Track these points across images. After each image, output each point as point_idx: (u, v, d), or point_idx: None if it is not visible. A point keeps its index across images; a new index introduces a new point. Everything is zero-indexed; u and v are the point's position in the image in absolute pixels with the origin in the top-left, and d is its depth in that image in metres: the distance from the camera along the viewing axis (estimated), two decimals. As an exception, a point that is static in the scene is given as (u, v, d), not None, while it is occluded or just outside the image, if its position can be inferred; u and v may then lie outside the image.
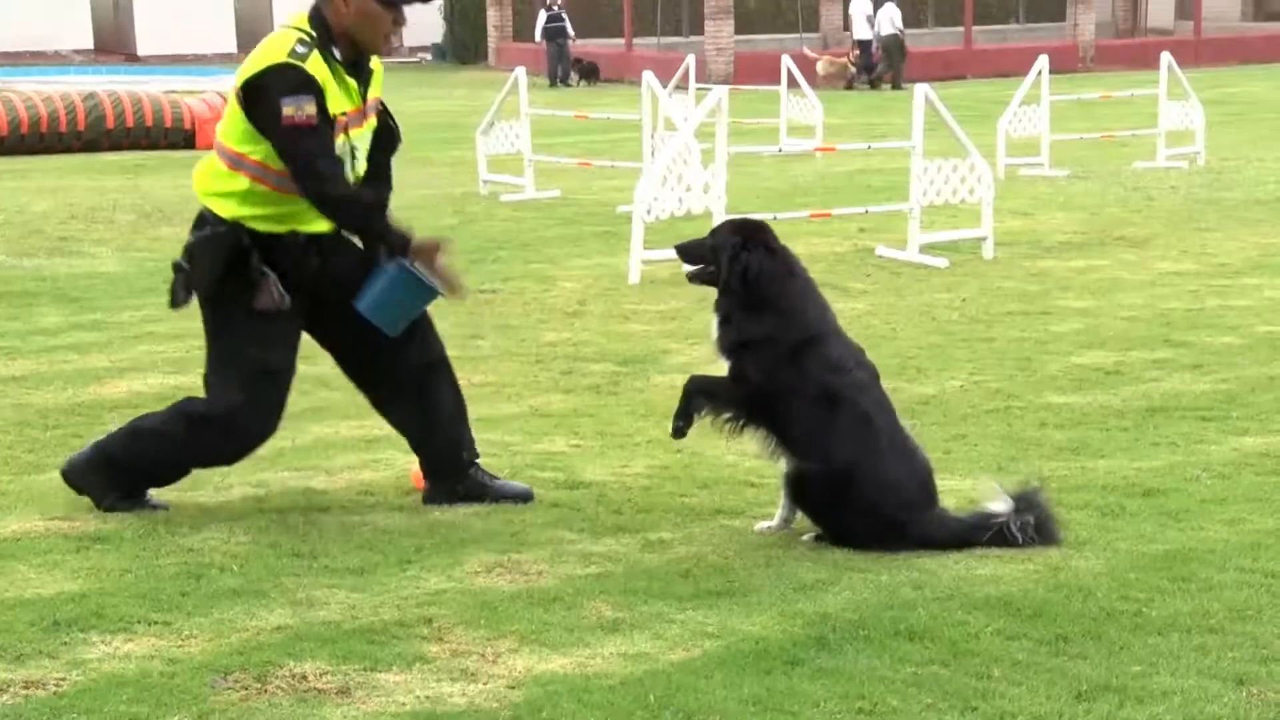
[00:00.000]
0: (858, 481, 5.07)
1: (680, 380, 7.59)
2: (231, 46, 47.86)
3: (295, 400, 7.12)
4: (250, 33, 48.13)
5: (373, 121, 5.44)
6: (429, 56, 48.28)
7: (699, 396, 5.34)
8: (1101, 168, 17.00)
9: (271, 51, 5.19)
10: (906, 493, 5.09)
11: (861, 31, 34.94)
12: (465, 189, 15.40)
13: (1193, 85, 17.67)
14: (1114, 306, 9.38)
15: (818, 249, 11.32)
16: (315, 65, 5.16)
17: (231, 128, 5.30)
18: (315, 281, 5.37)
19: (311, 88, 5.12)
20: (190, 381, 7.54)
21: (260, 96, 5.15)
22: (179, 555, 5.06)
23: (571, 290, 10.15)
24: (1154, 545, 5.07)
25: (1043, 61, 17.04)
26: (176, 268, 5.42)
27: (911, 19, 45.07)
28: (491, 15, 43.64)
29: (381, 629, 4.44)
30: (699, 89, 18.79)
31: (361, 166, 5.41)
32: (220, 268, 5.26)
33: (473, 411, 6.92)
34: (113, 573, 4.89)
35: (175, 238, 12.41)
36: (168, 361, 8.01)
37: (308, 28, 5.23)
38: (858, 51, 34.95)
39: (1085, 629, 4.34)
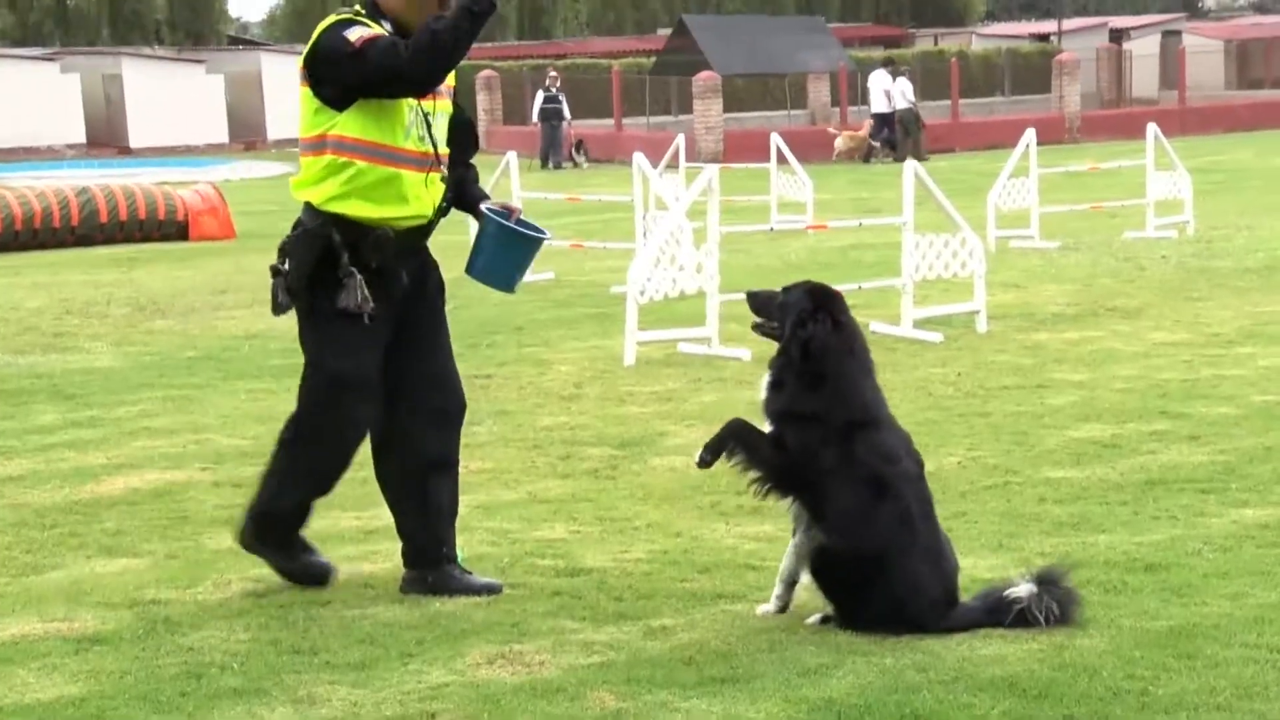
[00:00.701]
0: (885, 573, 5.03)
1: (679, 463, 7.65)
2: (223, 137, 48.20)
3: (293, 492, 7.20)
4: (242, 122, 48.56)
5: (446, 103, 5.54)
6: (420, 141, 48.53)
7: (736, 442, 5.26)
8: (1092, 238, 17.09)
9: (322, 25, 5.35)
10: (931, 594, 5.05)
11: (879, 105, 35.38)
12: (456, 274, 15.41)
13: (1179, 154, 17.81)
14: (1109, 378, 9.40)
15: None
16: (371, 28, 5.30)
17: (305, 116, 5.41)
18: (398, 295, 5.49)
19: (366, 24, 5.27)
20: (186, 476, 7.56)
21: (322, 56, 5.26)
22: (178, 655, 5.03)
23: (567, 373, 10.16)
24: (1158, 622, 5.05)
25: (1030, 134, 17.16)
26: (274, 270, 5.49)
27: (899, 93, 45.50)
28: (481, 99, 43.97)
29: (384, 725, 4.41)
30: (689, 168, 18.90)
31: (439, 143, 5.48)
32: (311, 263, 5.35)
33: (471, 499, 6.96)
34: (112, 675, 4.85)
35: (168, 331, 12.48)
36: (165, 457, 7.99)
37: (357, 7, 5.41)
38: (872, 125, 35.30)
39: (1092, 709, 4.32)
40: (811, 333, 5.18)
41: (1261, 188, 23.46)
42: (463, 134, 5.69)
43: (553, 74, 37.82)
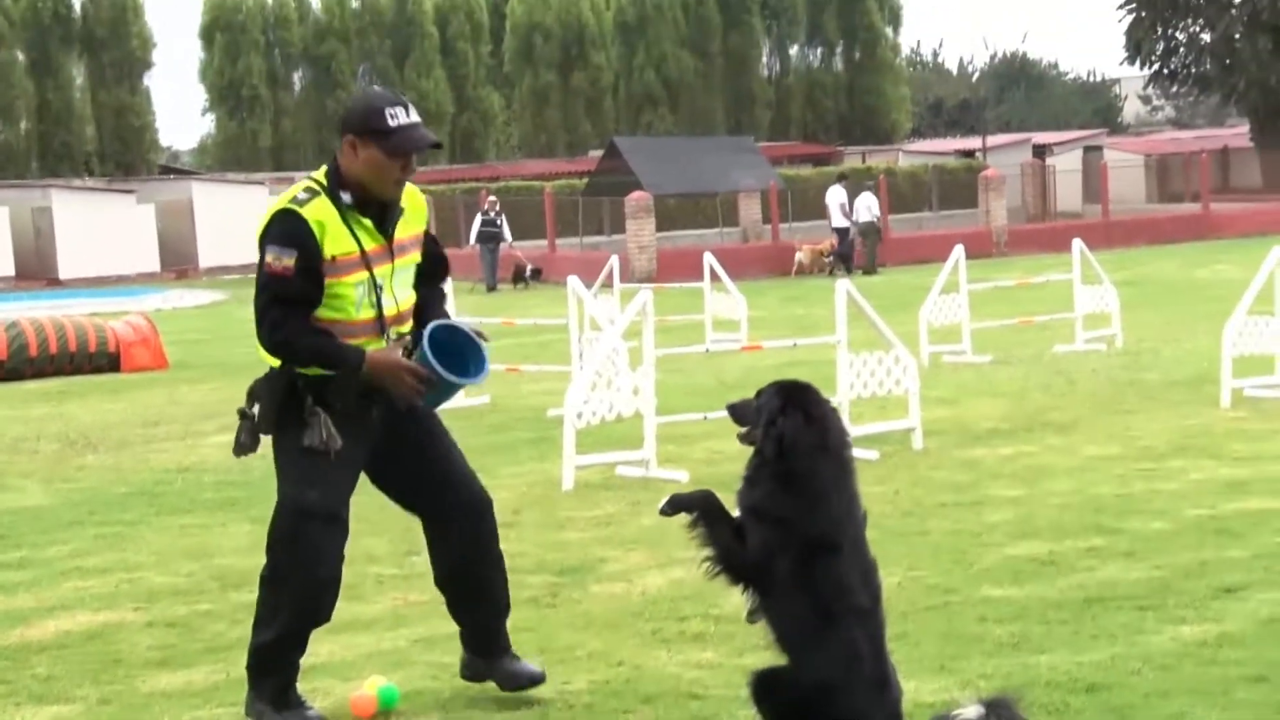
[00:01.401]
0: (828, 705, 4.99)
1: (619, 589, 7.62)
2: (155, 266, 48.09)
3: (226, 630, 7.11)
4: (173, 250, 48.49)
5: (413, 256, 5.74)
6: (353, 266, 48.59)
7: (700, 515, 5.19)
8: (1022, 352, 17.28)
9: (278, 202, 5.54)
10: None
11: (838, 220, 35.97)
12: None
13: (1104, 266, 18.10)
14: (1044, 494, 9.46)
15: (748, 448, 11.35)
16: (315, 210, 5.47)
17: None
18: (372, 427, 5.65)
19: (298, 238, 5.42)
20: (119, 617, 7.45)
21: (260, 244, 5.50)
22: (112, 804, 4.93)
23: (505, 499, 10.07)
24: (1102, 744, 5.05)
25: (959, 251, 17.41)
26: (241, 413, 5.66)
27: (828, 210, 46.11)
28: (414, 224, 44.08)
29: None
30: (624, 288, 19.01)
31: (398, 299, 5.68)
32: (277, 405, 5.54)
33: (409, 632, 6.91)
34: (43, 827, 4.74)
35: (99, 465, 12.34)
36: (96, 597, 7.87)
37: (320, 176, 5.59)
38: (836, 240, 35.92)
39: (1040, 837, 4.30)
40: (781, 429, 5.10)
41: (1186, 300, 23.84)
42: (433, 264, 5.90)
43: (491, 198, 38.00)
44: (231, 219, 48.96)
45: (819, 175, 49.15)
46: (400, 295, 5.70)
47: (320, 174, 5.61)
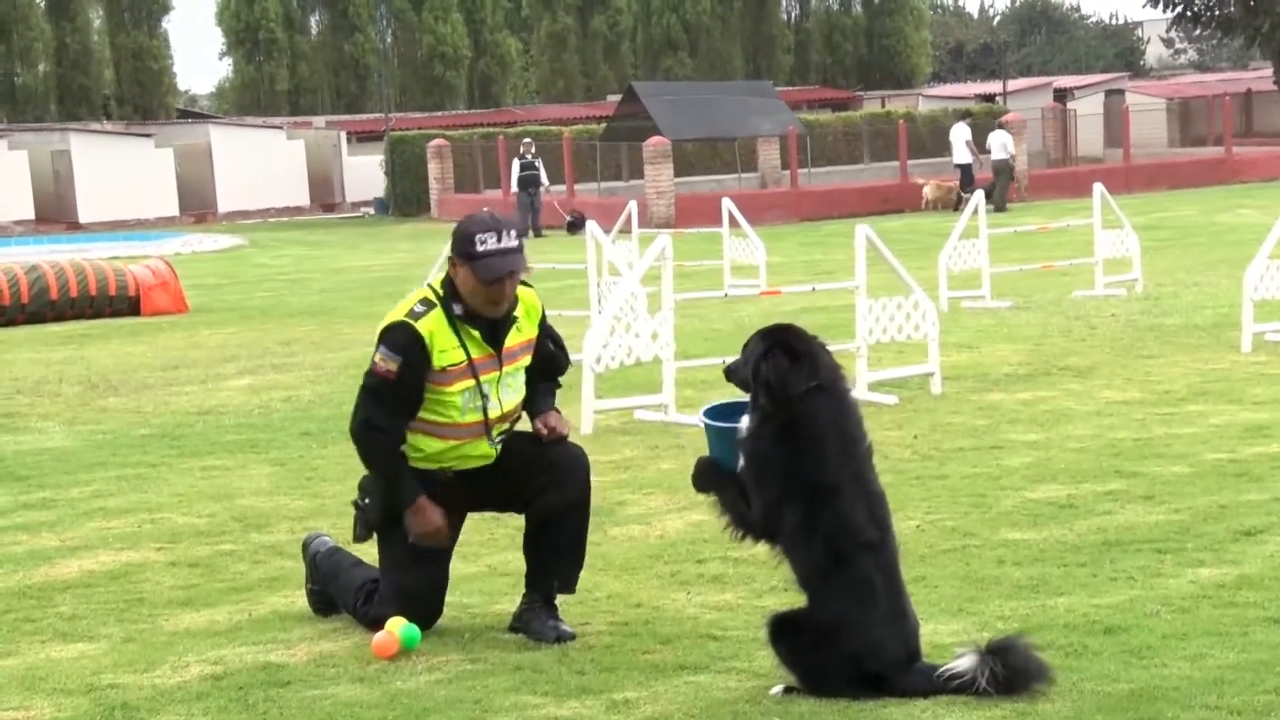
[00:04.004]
0: (844, 640, 5.02)
1: (638, 532, 7.65)
2: (173, 210, 48.14)
3: (248, 571, 7.17)
4: (192, 195, 48.51)
5: (523, 361, 6.05)
6: (371, 211, 48.65)
7: (713, 490, 5.31)
8: (1042, 298, 17.23)
9: (399, 309, 5.93)
10: (891, 654, 5.04)
11: (961, 157, 36.38)
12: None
13: (1125, 211, 18.01)
14: (1063, 438, 9.46)
15: (767, 392, 11.36)
16: (429, 323, 5.83)
17: None
18: (469, 495, 6.08)
19: (408, 349, 5.80)
20: (142, 557, 7.50)
21: (376, 343, 5.90)
22: (137, 741, 4.98)
23: (524, 444, 10.12)
24: (1118, 685, 5.06)
25: (979, 196, 17.34)
26: (354, 505, 6.09)
27: (847, 155, 45.93)
28: (433, 168, 44.10)
29: (347, 809, 4.37)
30: (642, 233, 18.97)
31: (503, 402, 5.98)
32: (384, 502, 5.93)
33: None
34: (70, 763, 4.80)
35: (121, 408, 12.40)
36: (119, 537, 7.92)
37: (438, 285, 5.97)
38: (959, 176, 36.52)
39: (1056, 776, 4.32)
40: (768, 373, 5.10)
41: (1207, 244, 23.75)
42: (546, 366, 6.19)
43: (527, 141, 37.84)
44: (250, 163, 49.02)
45: (839, 120, 48.93)
46: (505, 398, 5.99)
47: (438, 283, 5.98)
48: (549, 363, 6.18)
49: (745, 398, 5.29)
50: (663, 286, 11.09)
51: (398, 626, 5.84)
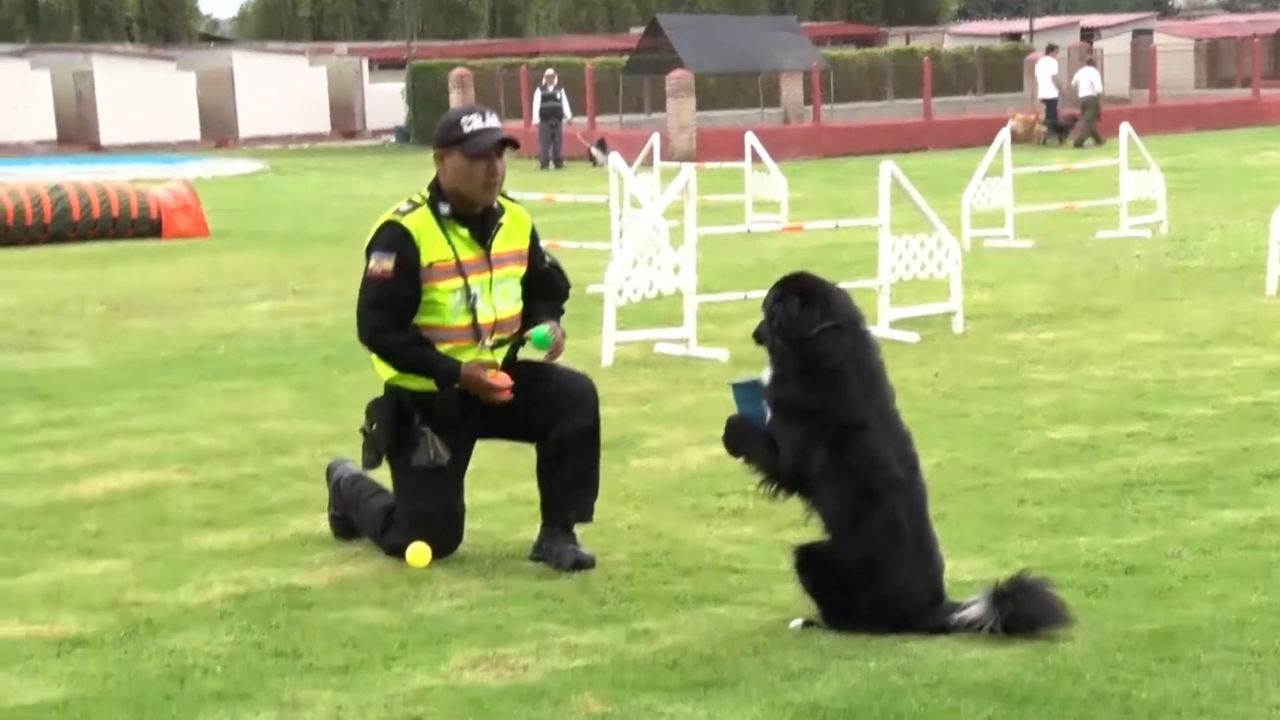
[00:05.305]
0: (870, 581, 5.03)
1: (658, 464, 7.66)
2: (195, 134, 48.07)
3: (270, 493, 7.20)
4: (214, 119, 48.41)
5: (513, 269, 6.04)
6: (392, 139, 48.53)
7: (742, 447, 5.29)
8: (1066, 238, 17.15)
9: (380, 220, 5.98)
10: (915, 597, 5.05)
11: (1047, 91, 36.68)
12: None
13: (1151, 152, 17.88)
14: (1085, 379, 9.43)
15: (788, 327, 11.34)
16: (415, 219, 5.89)
17: None
18: (475, 423, 6.06)
19: (397, 244, 5.84)
20: (165, 477, 7.54)
21: (366, 255, 5.93)
22: (161, 658, 5.01)
23: (545, 374, 10.13)
24: (1140, 625, 5.07)
25: (1004, 134, 17.23)
26: (362, 431, 6.14)
27: (871, 92, 45.65)
28: (454, 98, 43.84)
29: (370, 730, 4.40)
30: (664, 167, 18.88)
31: (496, 308, 5.98)
32: (390, 424, 5.99)
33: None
34: (94, 678, 4.83)
35: (143, 330, 12.42)
36: (142, 457, 7.96)
37: (424, 190, 6.01)
38: (1044, 110, 36.83)
39: (1076, 714, 4.33)
40: (779, 315, 5.09)
41: (1233, 186, 23.59)
42: (543, 283, 6.18)
43: (550, 72, 37.64)
44: (271, 89, 48.84)
45: (863, 56, 48.60)
46: (500, 305, 6.00)
47: (424, 188, 6.03)
48: (545, 281, 6.19)
49: (762, 374, 5.30)
50: (686, 220, 11.05)
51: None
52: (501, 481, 7.35)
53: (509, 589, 5.71)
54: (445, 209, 5.93)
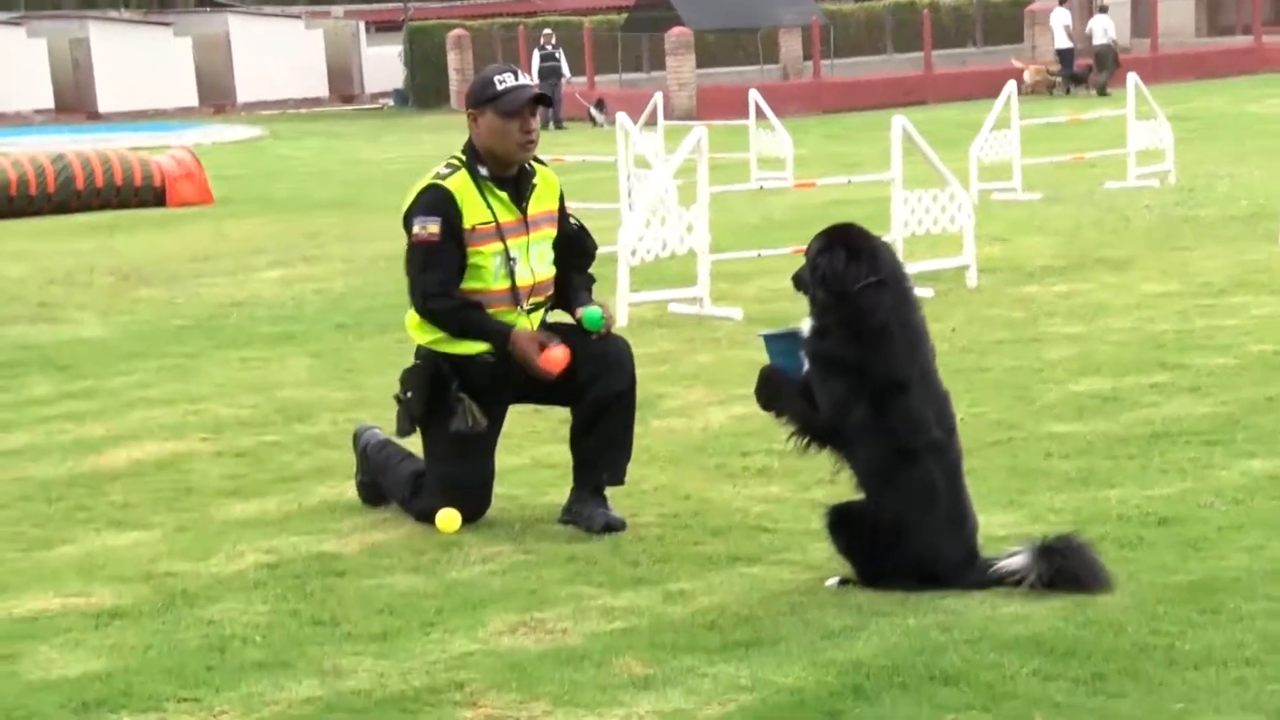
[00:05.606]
0: (903, 541, 5.02)
1: (679, 424, 7.65)
2: (193, 100, 47.88)
3: (295, 461, 7.20)
4: (211, 85, 48.21)
5: (547, 231, 6.04)
6: (390, 103, 48.33)
7: (775, 400, 5.26)
8: (1073, 189, 17.11)
9: (422, 180, 5.96)
10: (950, 555, 5.05)
11: (1061, 41, 37.11)
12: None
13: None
14: (1103, 331, 9.42)
15: (802, 284, 11.32)
16: (456, 182, 5.87)
17: None
18: (508, 391, 6.07)
19: (441, 207, 5.83)
20: (188, 447, 7.53)
21: (406, 223, 5.91)
22: (199, 628, 5.02)
23: (560, 336, 10.11)
24: (1177, 576, 5.07)
25: (1011, 86, 17.16)
26: (396, 398, 6.08)
27: (870, 46, 45.45)
28: (452, 59, 43.72)
29: (414, 696, 4.40)
30: (668, 126, 18.82)
31: (534, 271, 5.99)
32: (426, 392, 5.95)
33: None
34: (135, 649, 4.84)
35: (154, 299, 12.40)
36: (164, 427, 7.95)
37: (459, 153, 5.98)
38: (1058, 60, 37.39)
39: (1121, 666, 4.33)
40: (824, 268, 5.05)
41: (1237, 135, 23.53)
42: (573, 245, 6.17)
43: (547, 31, 37.55)
44: (268, 53, 48.63)
45: (862, 10, 48.36)
46: (537, 268, 6.00)
47: (460, 151, 5.98)
48: (575, 241, 6.19)
49: (799, 325, 5.26)
50: (699, 179, 11.02)
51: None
52: (524, 445, 7.35)
53: (540, 553, 5.71)
54: (484, 171, 5.90)
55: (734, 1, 40.77)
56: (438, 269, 5.85)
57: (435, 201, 5.84)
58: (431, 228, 5.81)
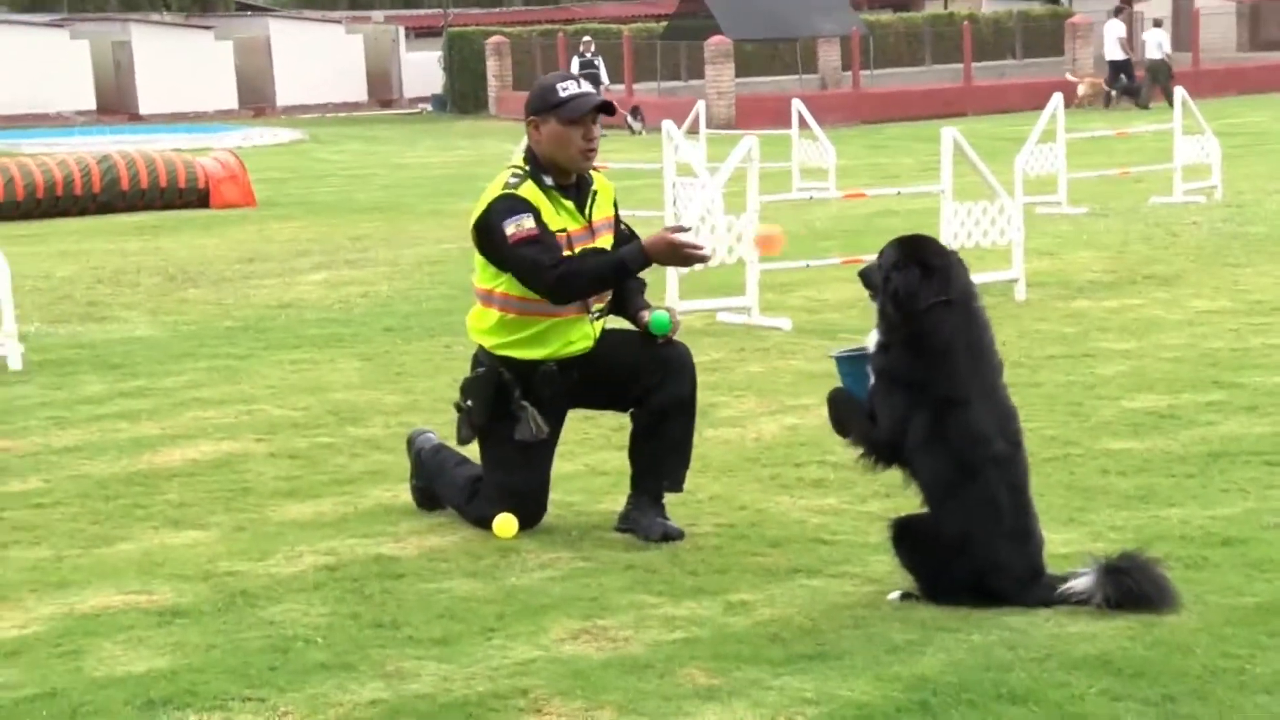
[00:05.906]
0: (967, 556, 5.00)
1: (733, 434, 7.63)
2: (233, 103, 48.13)
3: (349, 464, 7.21)
4: (251, 89, 48.44)
5: (607, 238, 6.02)
6: (429, 107, 48.49)
7: (839, 418, 5.28)
8: (1118, 204, 17.03)
9: (490, 191, 5.91)
10: (1014, 571, 5.01)
11: (1113, 53, 37.00)
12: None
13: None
14: (1156, 347, 9.36)
15: (847, 295, 11.31)
16: (528, 191, 5.83)
17: (477, 270, 5.99)
18: (575, 390, 6.04)
19: (525, 205, 5.79)
20: (242, 448, 7.55)
21: (488, 231, 5.83)
22: (261, 628, 5.02)
23: (608, 343, 10.11)
24: (1245, 598, 5.02)
25: (1057, 99, 17.08)
26: (457, 407, 6.10)
27: (909, 57, 45.37)
28: (491, 65, 43.83)
29: (478, 701, 4.40)
30: (710, 134, 18.80)
31: None
32: (489, 401, 5.96)
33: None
34: (198, 648, 4.85)
35: (202, 300, 12.46)
36: (218, 428, 7.98)
37: (520, 163, 5.94)
38: (1109, 73, 37.35)
39: (1191, 688, 4.29)
40: (897, 284, 5.02)
41: (1282, 152, 23.38)
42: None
43: (587, 39, 37.57)
44: (308, 58, 48.85)
45: (900, 21, 48.27)
46: None
47: (519, 161, 5.94)
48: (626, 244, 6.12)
49: (866, 341, 5.26)
50: (748, 188, 11.01)
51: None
52: (577, 451, 7.35)
53: (599, 560, 5.70)
54: (549, 180, 5.88)
55: (773, 11, 40.73)
56: (547, 251, 5.76)
57: (517, 203, 5.81)
58: (526, 223, 5.77)
